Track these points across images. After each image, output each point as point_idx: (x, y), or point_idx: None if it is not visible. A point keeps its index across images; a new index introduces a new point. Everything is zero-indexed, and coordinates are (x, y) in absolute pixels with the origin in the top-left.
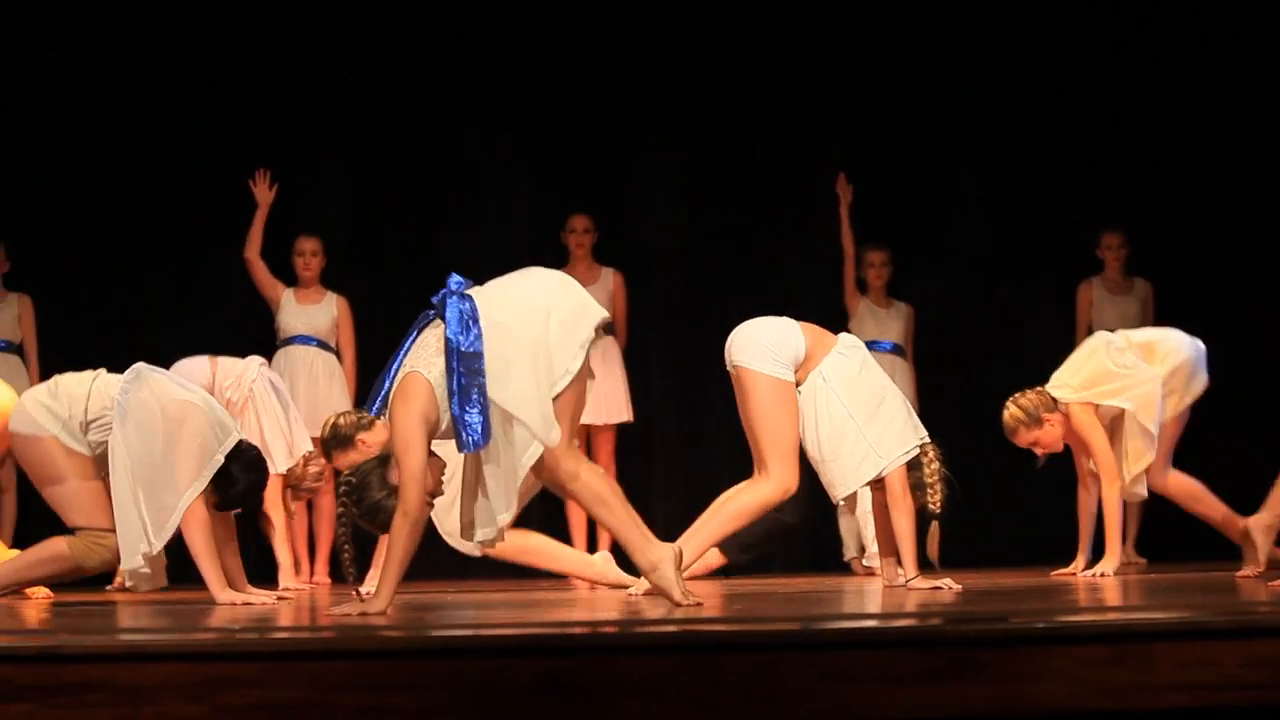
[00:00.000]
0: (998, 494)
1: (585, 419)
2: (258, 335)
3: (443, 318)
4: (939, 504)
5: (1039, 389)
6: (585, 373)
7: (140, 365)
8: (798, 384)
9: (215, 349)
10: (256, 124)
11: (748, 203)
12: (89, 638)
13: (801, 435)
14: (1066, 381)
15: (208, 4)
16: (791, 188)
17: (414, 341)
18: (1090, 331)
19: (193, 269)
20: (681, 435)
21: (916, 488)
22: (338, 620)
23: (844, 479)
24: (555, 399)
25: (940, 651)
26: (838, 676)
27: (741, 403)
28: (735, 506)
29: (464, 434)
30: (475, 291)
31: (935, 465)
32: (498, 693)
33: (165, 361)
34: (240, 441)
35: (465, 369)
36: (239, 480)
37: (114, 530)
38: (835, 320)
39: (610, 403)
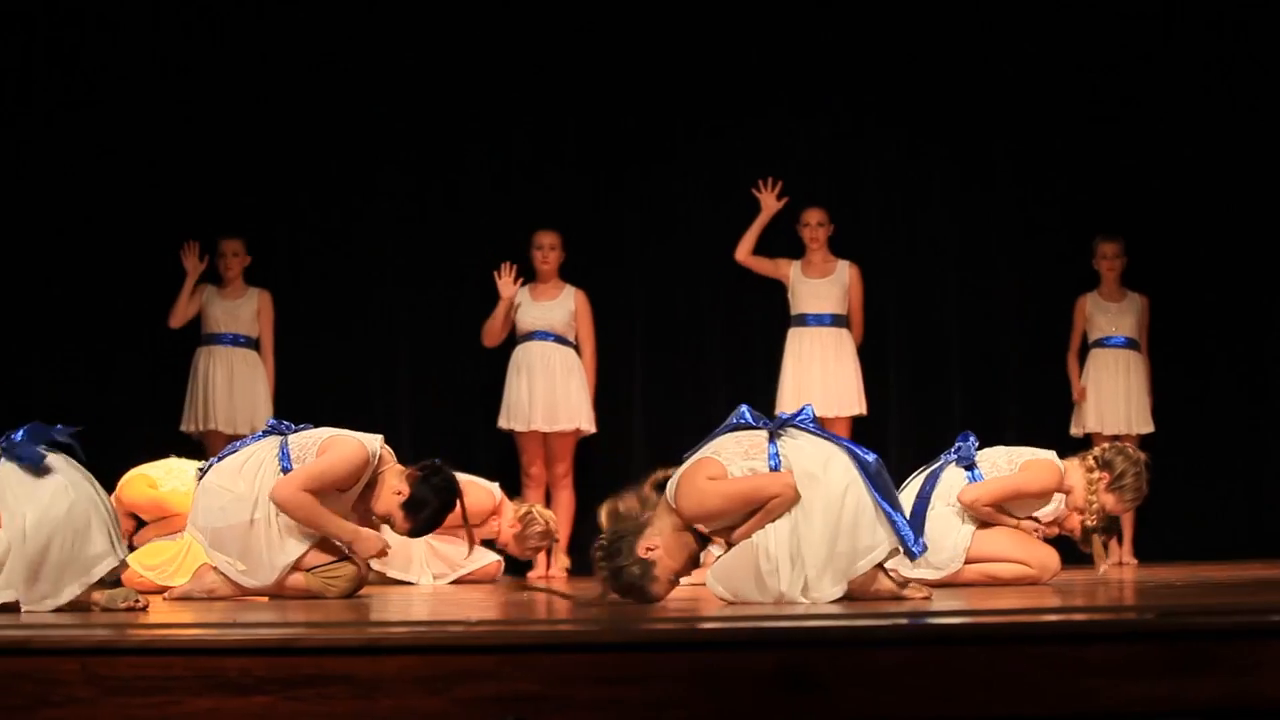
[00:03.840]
0: (1234, 487)
1: (819, 411)
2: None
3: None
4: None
5: None
6: None
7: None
8: None
9: (450, 347)
10: (486, 116)
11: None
12: (327, 631)
13: None
14: None
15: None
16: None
17: (723, 434)
18: None
19: (431, 271)
20: (912, 430)
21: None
22: None
23: None
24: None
25: (1173, 644)
26: (1071, 669)
27: None
28: None
29: (906, 541)
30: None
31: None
32: (732, 685)
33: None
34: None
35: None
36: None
37: (345, 559)
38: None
39: (842, 395)
